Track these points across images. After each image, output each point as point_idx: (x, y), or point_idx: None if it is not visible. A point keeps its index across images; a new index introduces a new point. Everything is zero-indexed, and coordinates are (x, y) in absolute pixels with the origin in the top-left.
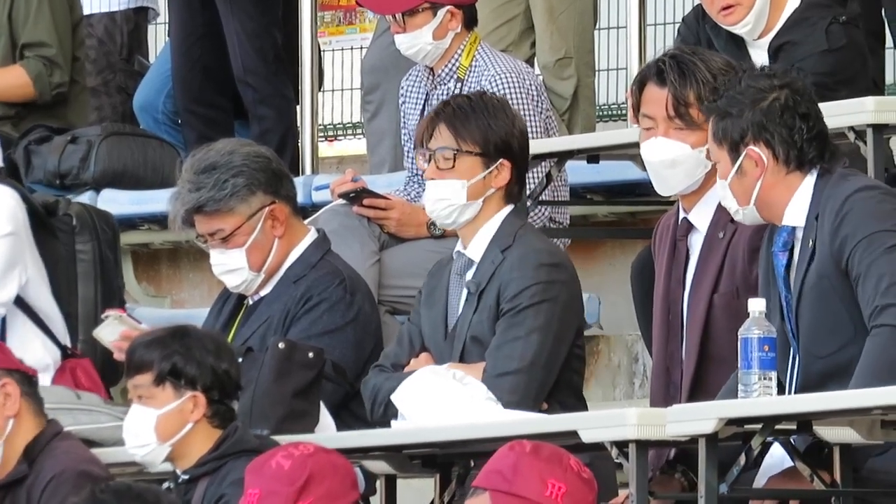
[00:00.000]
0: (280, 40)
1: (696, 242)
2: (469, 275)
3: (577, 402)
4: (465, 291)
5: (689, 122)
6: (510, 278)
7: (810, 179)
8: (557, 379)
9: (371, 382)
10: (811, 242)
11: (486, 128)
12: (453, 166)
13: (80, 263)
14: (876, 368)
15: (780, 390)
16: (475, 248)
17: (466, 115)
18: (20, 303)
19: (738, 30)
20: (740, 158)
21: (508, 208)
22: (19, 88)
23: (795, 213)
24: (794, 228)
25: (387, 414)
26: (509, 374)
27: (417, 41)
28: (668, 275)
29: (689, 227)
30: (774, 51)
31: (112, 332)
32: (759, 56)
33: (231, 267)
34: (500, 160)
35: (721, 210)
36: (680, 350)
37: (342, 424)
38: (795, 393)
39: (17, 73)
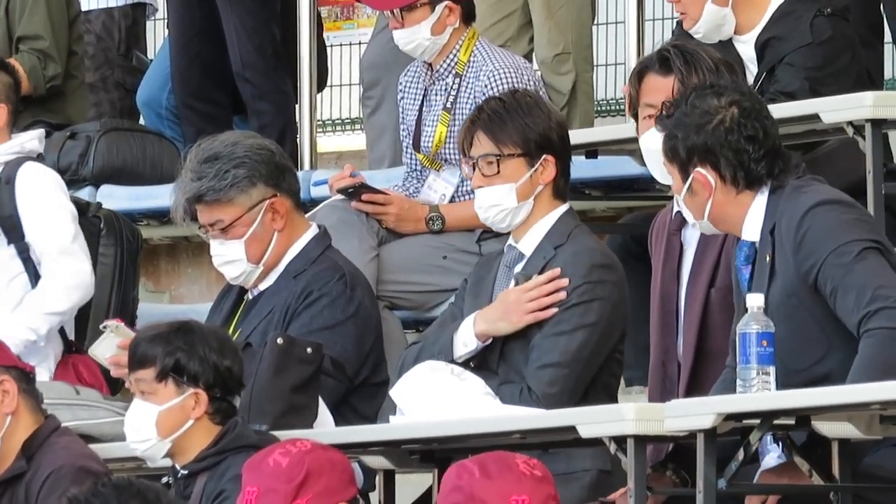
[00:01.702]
0: (279, 36)
1: (689, 236)
2: (518, 267)
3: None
4: (512, 283)
5: None
6: (562, 275)
7: (762, 197)
8: (595, 380)
9: (400, 357)
10: (768, 258)
11: (523, 127)
12: (498, 172)
13: (99, 266)
14: (871, 367)
15: None
16: (527, 243)
17: (502, 119)
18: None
19: (693, 33)
20: (689, 179)
21: (563, 207)
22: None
23: (752, 228)
24: (754, 243)
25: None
26: (550, 366)
27: (416, 36)
28: (663, 269)
29: (683, 221)
30: (761, 46)
31: (108, 347)
32: (745, 50)
33: (229, 258)
34: (544, 156)
35: None
36: (676, 344)
37: (342, 420)
38: None
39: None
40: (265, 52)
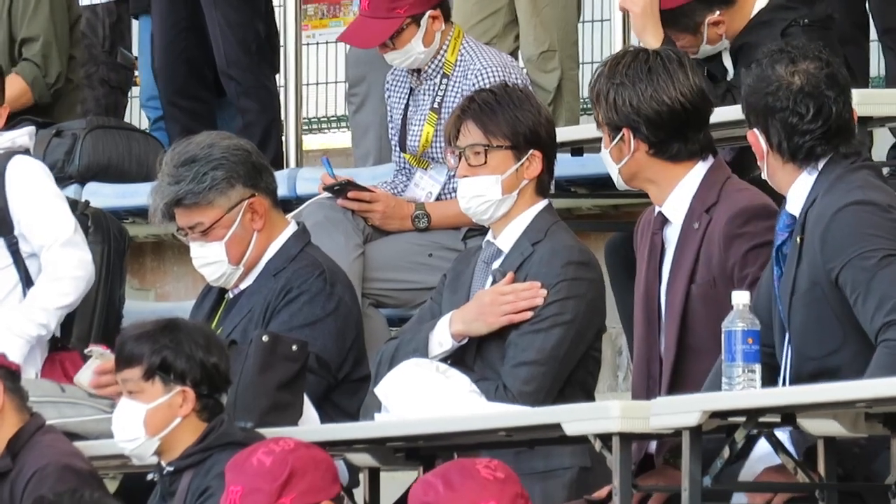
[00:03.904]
0: (263, 32)
1: (671, 235)
2: (496, 264)
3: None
4: (490, 279)
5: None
6: (538, 272)
7: (807, 175)
8: (571, 378)
9: (378, 352)
10: (799, 239)
11: (513, 120)
12: (485, 162)
13: None
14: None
15: (776, 371)
16: (505, 238)
17: (493, 110)
18: (28, 281)
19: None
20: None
21: (542, 203)
22: (20, 98)
23: (795, 202)
24: (795, 216)
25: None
26: (526, 364)
27: (410, 54)
28: (646, 268)
29: (665, 220)
30: (735, 52)
31: (91, 375)
32: (726, 58)
33: (210, 260)
34: (531, 151)
35: (696, 201)
36: (658, 343)
37: (325, 416)
38: (790, 382)
39: (14, 84)
40: (249, 49)
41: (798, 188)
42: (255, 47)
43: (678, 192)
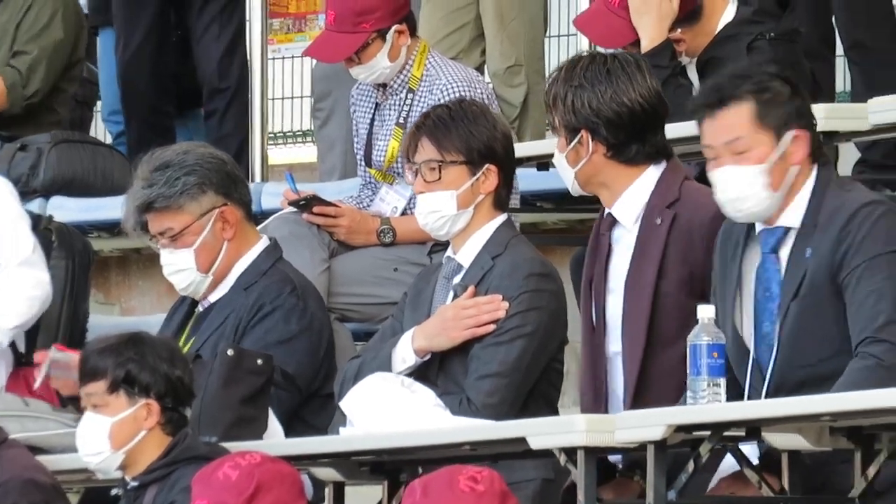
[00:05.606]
0: (246, 48)
1: (619, 236)
2: (457, 279)
3: (552, 415)
4: (451, 294)
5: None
6: (499, 285)
7: (810, 182)
8: (534, 391)
9: (342, 371)
10: (808, 252)
11: (467, 135)
12: (440, 178)
13: (51, 279)
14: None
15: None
16: (465, 253)
17: (447, 126)
18: None
19: None
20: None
21: (501, 217)
22: None
23: (793, 213)
24: (788, 229)
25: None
26: (490, 376)
27: (376, 69)
28: (589, 270)
29: (614, 221)
30: (702, 66)
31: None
32: (692, 72)
33: (179, 267)
34: (486, 165)
35: (655, 199)
36: (604, 345)
37: (293, 433)
38: (770, 394)
39: None
40: (240, 63)
41: (801, 197)
42: (242, 62)
43: (630, 194)
